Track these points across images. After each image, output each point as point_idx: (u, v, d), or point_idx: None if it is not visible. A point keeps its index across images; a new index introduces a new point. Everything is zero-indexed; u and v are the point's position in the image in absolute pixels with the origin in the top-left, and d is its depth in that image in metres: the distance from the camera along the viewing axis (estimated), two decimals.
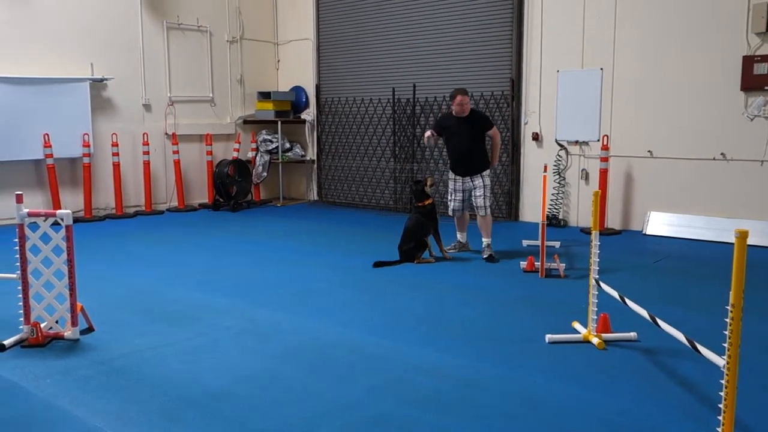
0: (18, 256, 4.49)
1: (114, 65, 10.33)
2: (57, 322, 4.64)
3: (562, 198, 9.46)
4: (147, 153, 10.62)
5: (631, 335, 4.55)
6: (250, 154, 12.05)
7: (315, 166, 12.33)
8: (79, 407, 3.54)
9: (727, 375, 2.81)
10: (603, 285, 4.46)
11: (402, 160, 11.03)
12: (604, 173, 8.81)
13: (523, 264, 6.70)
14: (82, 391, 3.74)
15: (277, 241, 8.41)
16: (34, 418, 3.44)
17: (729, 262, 2.82)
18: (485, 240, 7.26)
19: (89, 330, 4.77)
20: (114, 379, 3.92)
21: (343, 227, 9.62)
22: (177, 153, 10.98)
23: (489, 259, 7.11)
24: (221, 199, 11.31)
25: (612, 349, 4.40)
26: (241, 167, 11.42)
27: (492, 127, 7.41)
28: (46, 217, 4.57)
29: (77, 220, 9.41)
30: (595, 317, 4.52)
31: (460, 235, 7.61)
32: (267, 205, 11.86)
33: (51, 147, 9.53)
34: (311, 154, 12.37)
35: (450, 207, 7.48)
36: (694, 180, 8.44)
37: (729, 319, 2.77)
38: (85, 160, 9.93)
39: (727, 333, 2.79)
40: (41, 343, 4.47)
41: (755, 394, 3.65)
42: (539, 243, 6.61)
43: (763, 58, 7.79)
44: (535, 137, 9.64)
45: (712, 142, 8.27)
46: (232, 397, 3.65)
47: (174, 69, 11.13)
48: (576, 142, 9.33)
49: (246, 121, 12.14)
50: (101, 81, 10.16)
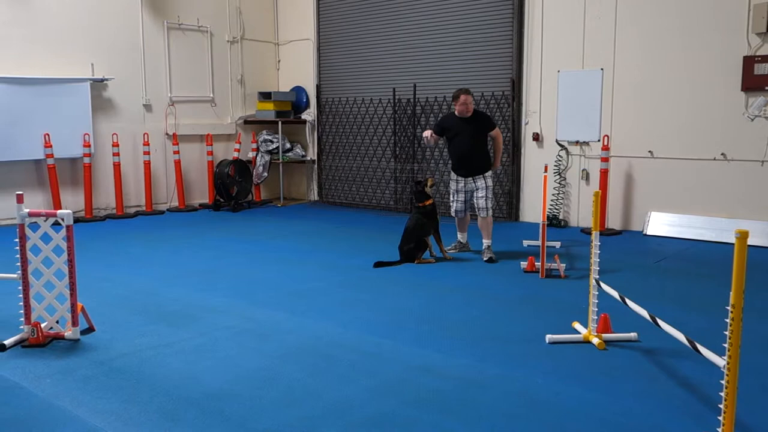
0: (18, 256, 4.50)
1: (114, 65, 10.34)
2: (57, 322, 4.65)
3: (562, 198, 9.46)
4: (147, 153, 10.63)
5: (632, 335, 4.55)
6: (250, 154, 12.06)
7: (315, 166, 12.33)
8: (80, 407, 3.54)
9: (728, 375, 2.81)
10: (603, 285, 4.46)
11: (402, 160, 11.03)
12: (604, 173, 8.81)
13: (524, 264, 6.70)
14: (82, 391, 3.75)
15: (278, 241, 8.41)
16: (34, 417, 3.44)
17: (729, 262, 2.82)
18: (486, 241, 7.26)
19: (89, 330, 4.77)
20: (114, 379, 3.92)
21: (344, 227, 9.62)
22: (177, 153, 10.99)
23: (489, 261, 7.11)
24: (222, 200, 11.31)
25: (612, 350, 4.40)
26: (242, 167, 11.42)
27: (495, 128, 7.40)
28: (46, 217, 4.57)
29: (78, 220, 9.45)
30: (596, 317, 4.52)
31: (460, 236, 7.61)
32: (267, 206, 11.87)
33: (52, 147, 9.54)
34: (312, 154, 12.37)
35: (452, 208, 7.45)
36: (694, 180, 8.44)
37: (729, 320, 2.77)
38: (86, 160, 9.94)
39: (728, 333, 2.79)
40: (42, 343, 4.47)
41: (755, 394, 3.65)
42: (540, 243, 6.61)
43: (764, 58, 7.79)
44: (536, 137, 9.64)
45: (712, 142, 8.27)
46: (232, 397, 3.66)
47: (174, 69, 11.14)
48: (576, 142, 9.33)
49: (246, 122, 12.15)
50: (102, 81, 10.17)
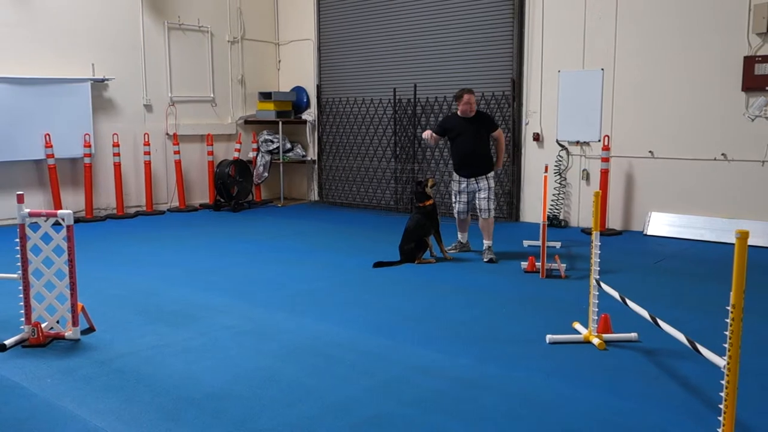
0: (19, 256, 4.50)
1: (115, 65, 10.34)
2: (58, 322, 4.65)
3: (562, 198, 9.46)
4: (148, 153, 10.63)
5: (632, 336, 4.55)
6: (251, 154, 12.06)
7: (316, 166, 12.33)
8: (80, 407, 3.54)
9: (728, 375, 2.81)
10: (604, 285, 4.46)
11: (403, 160, 11.03)
12: (605, 174, 8.81)
13: (524, 264, 6.70)
14: (82, 391, 3.75)
15: (278, 241, 8.42)
16: (35, 417, 3.44)
17: (730, 262, 2.82)
18: (486, 242, 7.24)
19: (90, 330, 4.77)
20: (115, 379, 3.92)
21: (344, 227, 9.62)
22: (178, 153, 10.99)
23: (490, 262, 7.10)
24: (222, 200, 11.32)
25: (613, 350, 4.40)
26: (242, 167, 11.42)
27: (497, 129, 7.39)
28: (47, 217, 4.58)
29: (78, 220, 9.45)
30: (596, 318, 4.52)
31: (461, 236, 7.60)
32: (268, 206, 11.87)
33: (52, 147, 9.54)
34: (312, 154, 12.37)
35: (455, 209, 7.41)
36: (695, 180, 8.44)
37: (729, 320, 2.77)
38: (86, 160, 9.94)
39: (728, 333, 2.79)
40: (42, 343, 4.47)
41: (756, 394, 3.65)
42: (540, 243, 6.61)
43: (764, 58, 7.79)
44: (536, 137, 9.64)
45: (713, 142, 8.26)
46: (232, 397, 3.66)
47: (175, 69, 11.14)
48: (577, 142, 9.33)
49: (247, 122, 12.15)
50: (102, 81, 10.17)
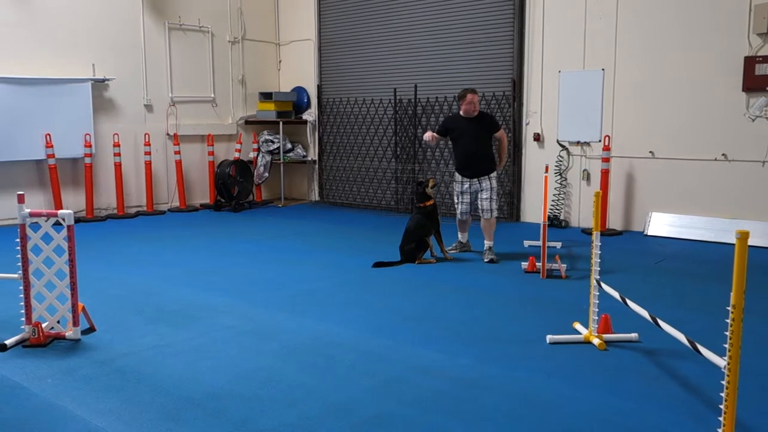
0: (19, 256, 4.50)
1: (116, 66, 10.34)
2: (58, 322, 4.65)
3: (563, 199, 9.46)
4: (149, 153, 10.63)
5: (632, 336, 4.55)
6: (251, 154, 12.06)
7: (316, 166, 12.33)
8: (81, 407, 3.54)
9: (728, 376, 2.81)
10: (604, 286, 4.46)
11: (403, 160, 11.03)
12: (605, 174, 8.81)
13: (525, 265, 6.70)
14: (83, 391, 3.75)
15: (279, 242, 8.42)
16: (35, 417, 3.44)
17: (730, 262, 2.82)
18: (487, 242, 7.22)
19: (90, 330, 4.77)
20: (115, 379, 3.92)
21: (345, 227, 9.62)
22: (178, 153, 11.00)
23: (490, 262, 7.09)
24: (223, 200, 11.32)
25: (613, 350, 4.40)
26: (243, 168, 11.42)
27: (499, 129, 7.37)
28: (47, 217, 4.58)
29: (79, 220, 9.46)
30: (596, 318, 4.51)
31: (461, 236, 7.59)
32: (268, 206, 11.87)
33: (53, 147, 9.54)
34: (313, 154, 12.37)
35: (458, 210, 7.37)
36: (695, 181, 8.44)
37: (730, 320, 2.77)
38: (87, 160, 9.95)
39: (728, 334, 2.79)
40: (43, 343, 4.47)
41: (756, 394, 3.65)
42: (540, 244, 6.61)
43: (765, 58, 7.79)
44: (537, 138, 9.64)
45: (713, 142, 8.26)
46: (232, 397, 3.66)
47: (175, 69, 11.15)
48: (577, 142, 9.33)
49: (247, 122, 12.15)
50: (103, 81, 10.17)
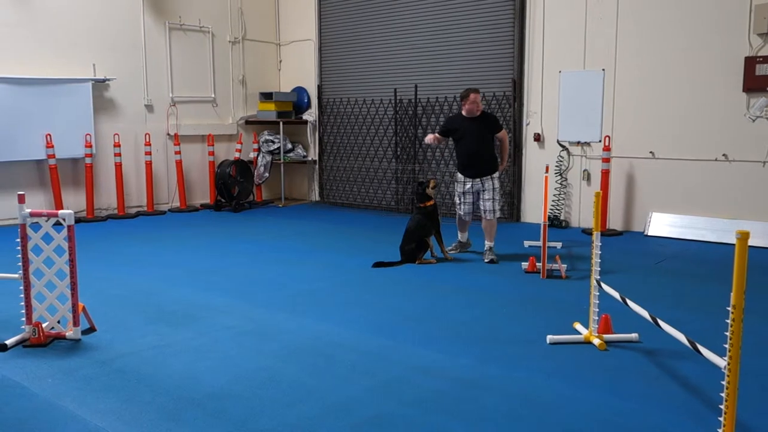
0: (20, 256, 4.50)
1: (116, 66, 10.35)
2: (59, 322, 4.65)
3: (563, 199, 9.46)
4: (149, 153, 10.63)
5: (633, 336, 4.55)
6: (252, 154, 12.06)
7: (317, 166, 12.34)
8: (81, 407, 3.54)
9: (728, 376, 2.81)
10: (604, 286, 4.46)
11: (404, 160, 11.04)
12: (605, 174, 8.81)
13: (525, 265, 6.70)
14: (83, 391, 3.75)
15: (279, 242, 8.42)
16: (35, 417, 3.44)
17: (730, 263, 2.82)
18: (488, 243, 7.20)
19: (91, 330, 4.78)
20: (115, 379, 3.92)
21: (345, 228, 9.62)
22: (179, 153, 11.00)
23: (491, 263, 7.08)
24: (223, 200, 11.32)
25: (613, 350, 4.40)
26: (243, 168, 11.43)
27: (502, 129, 7.35)
28: (48, 217, 4.58)
29: (79, 220, 9.46)
30: (597, 318, 4.51)
31: (461, 235, 7.56)
32: (269, 206, 11.87)
33: (53, 147, 9.55)
34: (313, 154, 12.38)
35: (460, 210, 7.31)
36: (696, 181, 8.44)
37: (730, 320, 2.77)
38: (87, 160, 9.95)
39: (728, 334, 2.79)
40: (43, 343, 4.48)
41: (756, 394, 3.65)
42: (541, 244, 6.61)
43: (765, 59, 7.79)
44: (537, 138, 9.64)
45: (714, 143, 8.26)
46: (232, 397, 3.66)
47: (176, 69, 11.15)
48: (578, 142, 9.33)
49: (248, 122, 12.16)
50: (103, 81, 10.18)
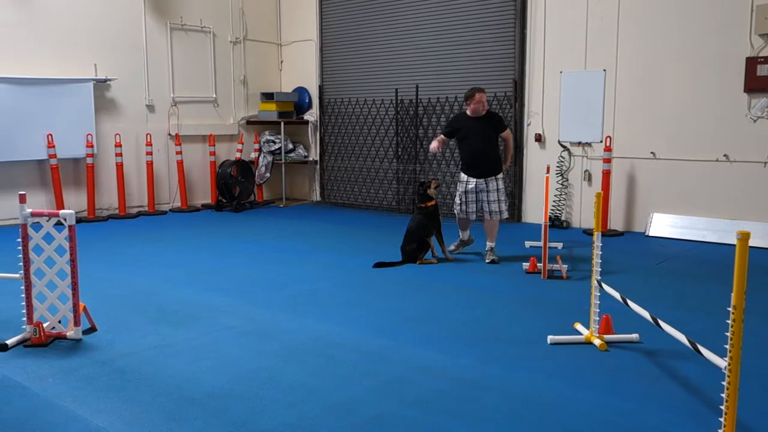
0: (21, 255, 4.51)
1: (117, 66, 10.35)
2: (60, 321, 4.66)
3: (564, 199, 9.46)
4: (150, 153, 10.63)
5: (633, 337, 4.55)
6: (253, 154, 12.07)
7: (318, 166, 12.34)
8: (82, 407, 3.55)
9: (729, 376, 2.81)
10: (605, 286, 4.46)
11: (405, 161, 11.04)
12: (606, 174, 8.80)
13: (526, 265, 6.70)
14: (84, 391, 3.75)
15: (280, 242, 8.42)
16: (36, 417, 3.45)
17: (731, 263, 2.82)
18: (489, 243, 7.19)
19: (92, 330, 4.78)
20: (116, 379, 3.93)
21: (346, 228, 9.62)
22: (180, 153, 11.00)
23: (492, 263, 7.06)
24: (224, 200, 11.32)
25: (614, 351, 4.40)
26: (244, 168, 11.43)
27: (506, 129, 7.32)
28: (49, 217, 4.58)
29: (80, 220, 9.47)
30: (597, 318, 4.51)
31: (462, 234, 7.47)
32: (270, 206, 11.88)
33: (54, 147, 9.55)
34: (314, 154, 12.38)
35: (461, 209, 7.22)
36: (696, 181, 8.43)
37: (731, 321, 2.77)
38: (89, 160, 9.95)
39: (729, 334, 2.79)
40: (44, 343, 4.48)
41: (756, 395, 3.65)
42: (542, 244, 6.61)
43: (766, 59, 7.78)
44: (538, 138, 9.64)
45: (715, 143, 8.26)
46: (233, 397, 3.66)
47: (177, 70, 11.16)
48: (579, 143, 9.33)
49: (249, 122, 12.16)
50: (105, 81, 10.18)
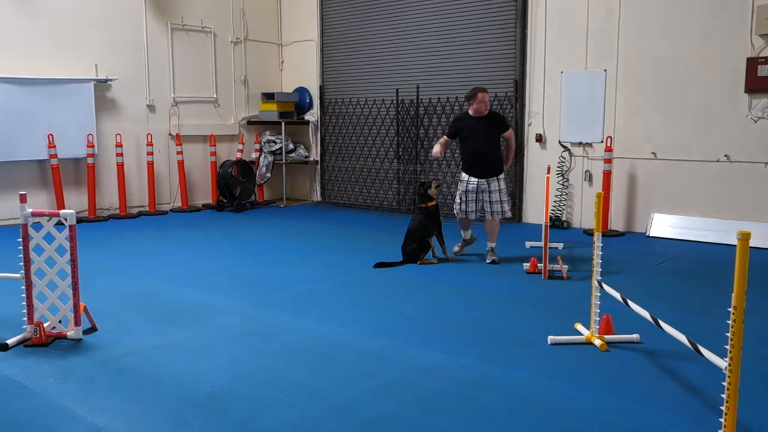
0: (21, 255, 4.51)
1: (118, 66, 10.36)
2: (60, 321, 4.66)
3: (565, 199, 9.45)
4: (151, 153, 10.64)
5: (634, 337, 4.55)
6: (253, 154, 12.06)
7: (318, 166, 12.34)
8: (82, 407, 3.55)
9: (729, 377, 2.81)
10: (606, 287, 4.46)
11: (405, 161, 11.04)
12: (607, 175, 8.80)
13: (526, 265, 6.70)
14: (85, 391, 3.76)
15: (281, 242, 8.42)
16: (37, 417, 3.45)
17: (732, 264, 2.81)
18: (490, 244, 7.18)
19: (92, 330, 4.78)
20: (117, 379, 3.93)
21: (347, 228, 9.62)
22: (181, 154, 11.00)
23: (492, 263, 7.06)
24: (225, 200, 11.33)
25: (614, 351, 4.40)
26: (245, 168, 11.44)
27: (508, 129, 7.30)
28: (49, 217, 4.58)
29: (81, 220, 9.48)
30: (598, 319, 4.51)
31: (464, 233, 7.43)
32: (270, 206, 11.88)
33: (55, 147, 9.56)
34: (315, 154, 12.38)
35: (460, 209, 7.17)
36: (697, 182, 8.43)
37: (731, 321, 2.77)
38: (89, 160, 9.95)
39: (729, 335, 2.79)
40: (44, 343, 4.48)
41: (757, 395, 3.65)
42: (542, 244, 6.61)
43: (767, 60, 7.78)
44: (539, 138, 9.64)
45: (716, 144, 8.25)
46: (234, 397, 3.66)
47: (178, 70, 11.16)
48: (579, 143, 9.32)
49: (250, 122, 12.16)
50: (105, 82, 10.19)
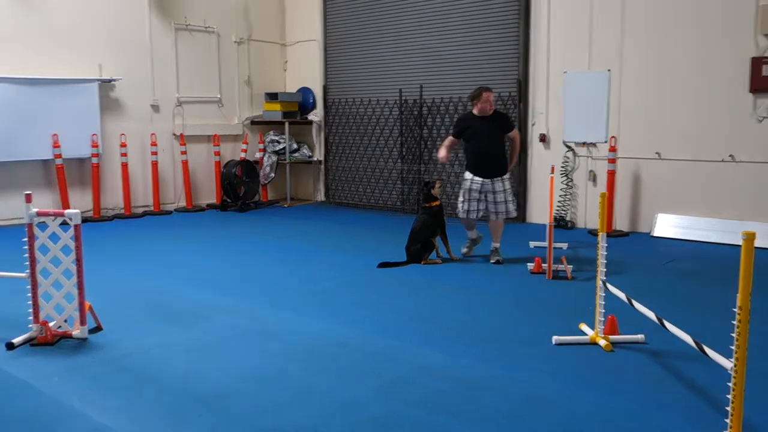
0: (27, 255, 4.52)
1: (122, 66, 10.37)
2: (65, 320, 4.67)
3: (569, 199, 9.44)
4: (155, 153, 10.65)
5: (639, 337, 4.54)
6: (257, 154, 12.07)
7: (322, 166, 12.35)
8: (87, 405, 3.56)
9: (735, 377, 2.81)
10: (610, 287, 4.45)
11: (409, 161, 11.03)
12: (611, 175, 8.78)
13: (531, 265, 6.69)
14: (90, 390, 3.77)
15: (284, 242, 8.43)
16: (42, 415, 3.46)
17: (737, 264, 2.81)
18: (494, 244, 7.16)
19: (97, 329, 4.79)
20: (122, 378, 3.94)
21: (350, 228, 9.63)
22: (185, 153, 11.01)
23: (497, 263, 7.04)
24: (229, 200, 11.34)
25: (619, 351, 4.39)
26: (249, 168, 11.45)
27: (513, 128, 7.29)
28: (54, 217, 4.60)
29: (86, 219, 9.49)
30: (603, 319, 4.51)
31: (470, 233, 7.39)
32: (274, 206, 11.89)
33: (60, 147, 9.58)
34: (318, 154, 12.39)
35: (464, 209, 7.14)
36: (702, 182, 8.41)
37: (736, 322, 2.76)
38: (94, 160, 9.97)
39: (735, 335, 2.78)
40: (50, 342, 4.50)
41: (762, 396, 3.64)
42: (546, 244, 6.60)
43: None
44: (543, 138, 9.63)
45: (720, 144, 8.23)
46: (237, 396, 3.67)
47: (182, 70, 11.17)
48: (583, 143, 9.31)
49: (253, 122, 12.17)
50: (110, 82, 10.21)
